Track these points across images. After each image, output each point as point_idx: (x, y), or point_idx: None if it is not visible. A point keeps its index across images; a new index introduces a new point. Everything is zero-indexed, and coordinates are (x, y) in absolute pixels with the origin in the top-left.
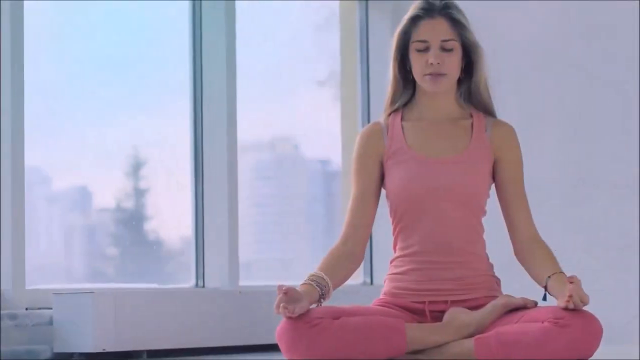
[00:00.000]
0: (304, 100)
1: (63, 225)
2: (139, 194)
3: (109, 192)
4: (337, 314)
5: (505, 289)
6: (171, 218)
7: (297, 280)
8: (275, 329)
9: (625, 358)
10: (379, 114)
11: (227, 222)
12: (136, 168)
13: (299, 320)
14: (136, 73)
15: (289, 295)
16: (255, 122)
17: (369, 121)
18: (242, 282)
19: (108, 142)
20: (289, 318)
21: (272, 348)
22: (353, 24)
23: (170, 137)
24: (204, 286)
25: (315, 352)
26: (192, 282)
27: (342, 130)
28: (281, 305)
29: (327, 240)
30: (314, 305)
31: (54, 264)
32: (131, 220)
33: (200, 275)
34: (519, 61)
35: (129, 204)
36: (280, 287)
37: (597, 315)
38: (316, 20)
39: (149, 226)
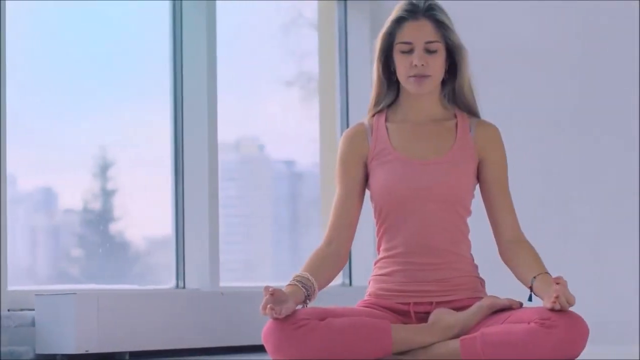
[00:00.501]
0: (270, 101)
1: (27, 226)
2: (107, 194)
3: (75, 193)
4: (323, 315)
5: (490, 290)
6: (138, 219)
7: (262, 281)
8: (258, 330)
9: (625, 358)
10: (358, 114)
11: (208, 223)
12: (104, 169)
13: (286, 322)
14: (112, 73)
15: (275, 296)
16: (219, 122)
17: (347, 122)
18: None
19: (75, 143)
20: (276, 319)
21: (255, 349)
22: (332, 24)
23: (140, 138)
24: (184, 287)
25: (301, 353)
26: (172, 283)
27: (320, 131)
28: (268, 306)
29: (292, 241)
30: (299, 306)
31: (18, 265)
32: (98, 222)
33: (181, 276)
34: (500, 61)
35: (96, 205)
36: (266, 288)
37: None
38: (283, 20)
39: (116, 227)
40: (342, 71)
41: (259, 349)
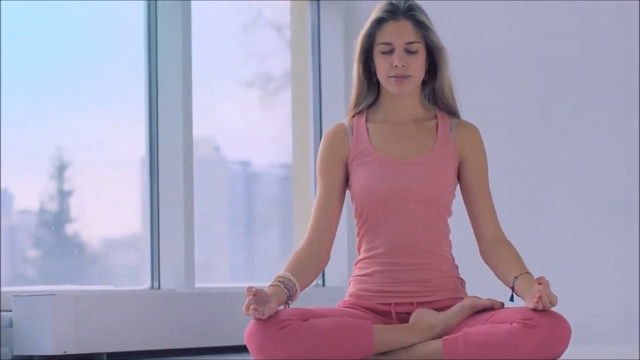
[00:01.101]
0: (227, 101)
1: None
2: (63, 195)
3: (31, 194)
4: (306, 316)
5: (470, 291)
6: (95, 220)
7: (218, 282)
8: (235, 330)
9: (626, 358)
10: (331, 115)
11: (183, 224)
12: (60, 170)
13: (268, 322)
14: (77, 74)
15: (258, 297)
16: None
17: (320, 123)
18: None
19: (31, 144)
20: (259, 320)
21: (233, 349)
22: (304, 24)
23: (98, 138)
24: (159, 288)
25: (284, 353)
26: (148, 284)
27: (292, 132)
28: (251, 307)
29: (248, 242)
30: (281, 307)
31: None
32: (54, 223)
33: (156, 276)
34: (479, 62)
35: (52, 205)
36: (249, 289)
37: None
38: (243, 21)
39: (73, 228)
40: (315, 71)
41: (237, 349)
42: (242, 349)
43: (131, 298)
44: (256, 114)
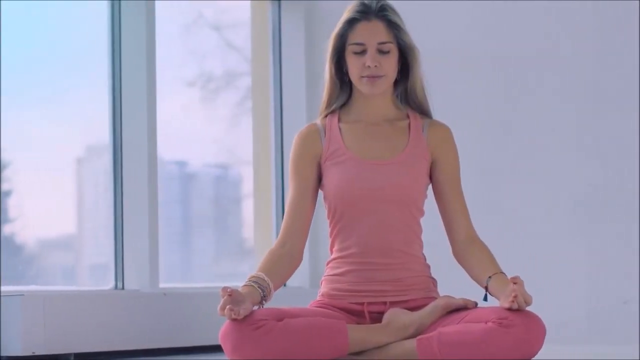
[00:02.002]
0: (167, 101)
1: None
2: (2, 195)
3: None
4: (280, 316)
5: (441, 290)
6: (34, 220)
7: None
8: (202, 331)
9: (626, 358)
10: (292, 114)
11: (147, 225)
12: None
13: (243, 322)
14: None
15: (233, 297)
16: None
17: (282, 122)
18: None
19: None
20: (234, 320)
21: (200, 350)
22: (265, 24)
23: (37, 138)
24: (123, 288)
25: (259, 353)
26: (111, 284)
27: (253, 133)
28: (227, 307)
29: (184, 242)
30: (255, 307)
31: None
32: None
33: (120, 277)
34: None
35: None
36: (224, 289)
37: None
38: (184, 21)
39: (11, 228)
40: (275, 72)
41: (205, 349)
42: (210, 349)
43: (98, 298)
44: (196, 114)
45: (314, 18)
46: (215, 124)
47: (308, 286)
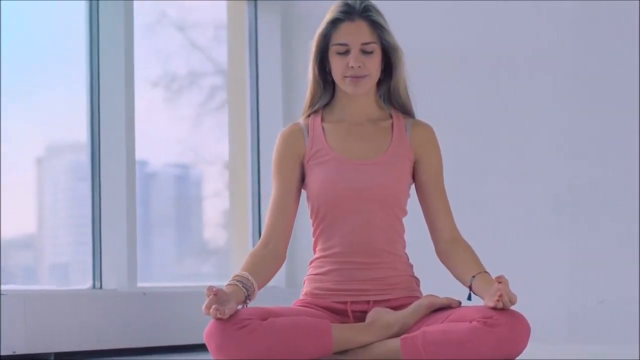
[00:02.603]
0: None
1: None
2: None
3: None
4: (265, 315)
5: (424, 290)
6: None
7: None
8: (182, 330)
9: (626, 358)
10: (269, 114)
11: (126, 224)
12: None
13: (228, 322)
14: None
15: (218, 296)
16: (71, 122)
17: (258, 122)
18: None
19: None
20: (219, 319)
21: (180, 349)
22: (241, 24)
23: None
24: (101, 287)
25: (244, 352)
26: (89, 283)
27: (229, 132)
28: (213, 306)
29: (145, 242)
30: (239, 306)
31: None
32: None
33: (97, 276)
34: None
35: None
36: (210, 288)
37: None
38: (147, 20)
39: None
40: (252, 72)
41: (185, 348)
42: (189, 348)
43: (78, 298)
44: (160, 114)
45: (290, 19)
46: (179, 123)
47: (284, 286)
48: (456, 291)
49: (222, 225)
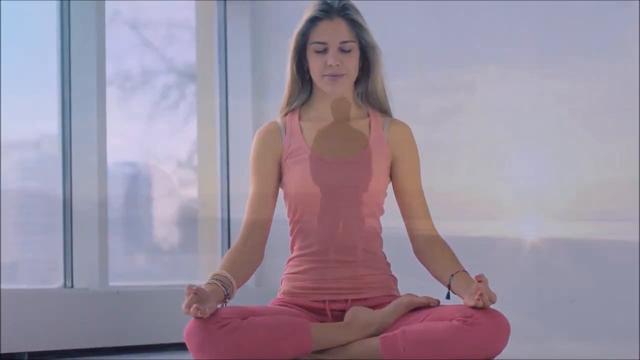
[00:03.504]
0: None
1: None
2: None
3: None
4: (245, 314)
5: (401, 289)
6: None
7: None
8: (156, 329)
9: (626, 358)
10: (238, 113)
11: (97, 223)
12: None
13: (208, 321)
14: None
15: (198, 295)
16: (19, 119)
17: (227, 121)
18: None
19: None
20: (199, 318)
21: (153, 348)
22: (211, 24)
23: None
24: (72, 286)
25: (224, 351)
26: (60, 282)
27: (198, 132)
28: (193, 305)
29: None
30: (219, 305)
31: None
32: None
33: (69, 275)
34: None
35: None
36: (189, 287)
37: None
38: None
39: None
40: (221, 72)
41: (158, 347)
42: (163, 347)
43: (50, 297)
44: (113, 113)
45: (260, 18)
46: (131, 122)
47: (254, 285)
48: (434, 290)
49: (174, 224)
